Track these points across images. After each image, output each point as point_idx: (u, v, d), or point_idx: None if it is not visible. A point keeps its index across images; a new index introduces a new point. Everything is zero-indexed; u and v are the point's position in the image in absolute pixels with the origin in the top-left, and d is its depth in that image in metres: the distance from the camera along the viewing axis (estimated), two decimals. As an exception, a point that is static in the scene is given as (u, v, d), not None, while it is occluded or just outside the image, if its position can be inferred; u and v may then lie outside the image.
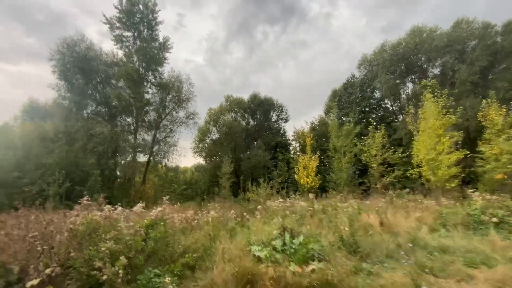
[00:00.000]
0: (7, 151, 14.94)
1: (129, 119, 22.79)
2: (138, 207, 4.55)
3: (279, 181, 17.94)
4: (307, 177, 15.74)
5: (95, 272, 3.05)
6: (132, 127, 21.64)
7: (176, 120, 25.66)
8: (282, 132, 31.66)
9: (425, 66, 24.37)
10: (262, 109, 31.84)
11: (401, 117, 24.94)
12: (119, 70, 19.57)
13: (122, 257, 3.07)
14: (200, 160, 35.28)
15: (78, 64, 19.77)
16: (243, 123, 32.20)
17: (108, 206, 4.21)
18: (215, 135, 33.66)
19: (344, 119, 24.77)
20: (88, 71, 20.44)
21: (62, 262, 3.44)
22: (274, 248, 4.12)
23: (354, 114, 23.41)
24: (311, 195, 9.57)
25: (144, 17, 21.84)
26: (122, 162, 20.29)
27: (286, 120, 31.92)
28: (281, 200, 10.36)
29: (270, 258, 3.78)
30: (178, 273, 3.83)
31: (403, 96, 26.02)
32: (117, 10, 20.79)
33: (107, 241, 3.26)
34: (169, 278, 3.21)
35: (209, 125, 33.53)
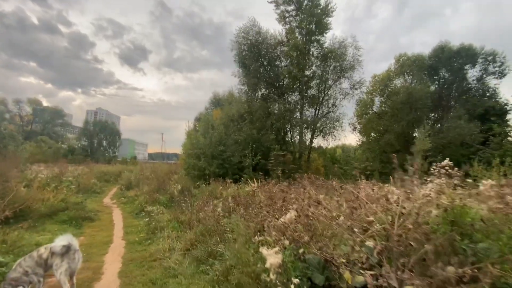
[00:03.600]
0: (211, 131, 18.17)
1: (294, 96, 22.87)
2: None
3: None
4: None
5: None
6: (298, 104, 21.46)
7: (338, 93, 23.34)
8: (491, 93, 21.87)
9: None
10: (453, 65, 23.25)
11: None
12: (288, 45, 19.41)
13: None
14: (359, 137, 31.51)
15: (251, 49, 21.46)
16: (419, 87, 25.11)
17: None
18: (379, 107, 28.73)
19: None
20: (258, 55, 21.85)
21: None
22: None
23: None
24: None
25: (305, -16, 20.44)
26: (294, 139, 20.55)
27: (502, 75, 21.64)
28: None
29: None
30: None
31: None
32: (281, -14, 20.50)
33: None
34: None
35: (372, 95, 28.86)
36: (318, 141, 23.64)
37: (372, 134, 27.58)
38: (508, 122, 20.64)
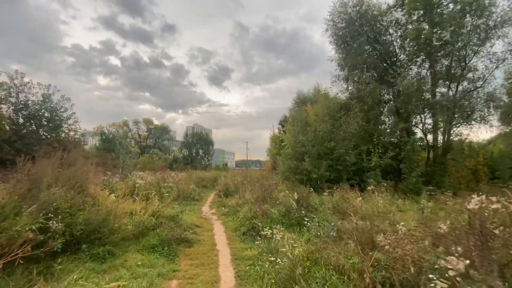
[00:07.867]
0: (313, 126, 14.86)
1: (413, 72, 17.15)
2: None
3: None
4: None
5: None
6: (427, 80, 15.71)
7: (488, 60, 16.08)
8: None
9: None
10: None
11: None
12: (408, 3, 14.38)
13: None
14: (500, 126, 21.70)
15: (351, 24, 17.38)
16: None
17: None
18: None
19: None
20: (361, 28, 17.51)
21: None
22: None
23: None
24: None
25: None
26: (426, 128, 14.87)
27: None
28: None
29: None
30: None
31: None
32: None
33: None
34: None
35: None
36: (458, 131, 16.86)
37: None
38: None
